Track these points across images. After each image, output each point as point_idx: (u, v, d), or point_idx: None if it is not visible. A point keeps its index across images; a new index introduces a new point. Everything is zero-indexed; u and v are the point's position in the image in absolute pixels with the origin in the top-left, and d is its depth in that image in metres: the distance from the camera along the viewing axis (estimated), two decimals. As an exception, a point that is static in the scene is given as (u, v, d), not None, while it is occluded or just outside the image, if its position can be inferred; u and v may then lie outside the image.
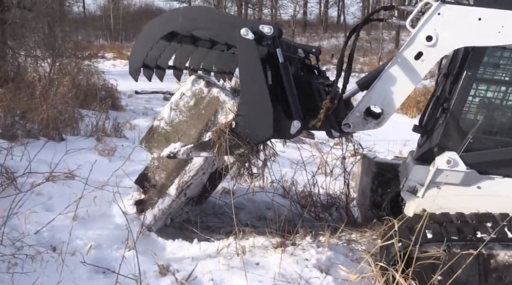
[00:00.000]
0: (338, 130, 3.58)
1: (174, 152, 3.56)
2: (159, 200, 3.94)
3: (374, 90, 3.40)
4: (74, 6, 34.64)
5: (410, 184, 3.57)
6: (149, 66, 3.96)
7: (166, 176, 3.95)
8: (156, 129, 3.99)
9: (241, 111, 3.44)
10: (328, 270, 3.35)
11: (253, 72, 3.32)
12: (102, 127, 8.14)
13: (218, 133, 3.44)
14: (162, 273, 3.36)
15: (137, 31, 43.77)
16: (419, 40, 3.25)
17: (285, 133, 3.44)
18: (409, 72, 3.32)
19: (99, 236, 3.85)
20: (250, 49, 3.30)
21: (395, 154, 7.53)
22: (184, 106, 3.85)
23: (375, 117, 3.47)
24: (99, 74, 12.95)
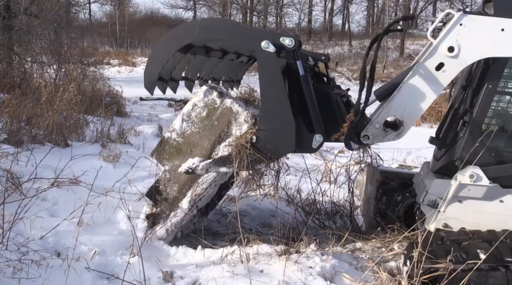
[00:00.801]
0: (357, 142, 3.53)
1: (193, 167, 3.52)
2: (171, 213, 3.88)
3: (394, 101, 3.35)
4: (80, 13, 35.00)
5: (430, 198, 3.50)
6: (163, 78, 3.92)
7: (178, 189, 3.89)
8: (167, 141, 3.92)
9: (262, 125, 3.37)
10: (332, 278, 3.33)
11: (274, 85, 3.26)
12: (107, 133, 8.17)
13: (238, 148, 3.38)
14: (166, 279, 3.36)
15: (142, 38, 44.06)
16: (440, 51, 3.21)
17: (307, 147, 3.38)
18: (430, 83, 3.27)
19: (103, 242, 3.86)
20: (271, 62, 3.24)
21: (399, 162, 7.52)
22: (196, 117, 3.79)
23: (395, 128, 3.42)
24: (104, 81, 12.99)
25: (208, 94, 3.77)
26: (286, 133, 3.30)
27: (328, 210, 5.07)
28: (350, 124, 3.38)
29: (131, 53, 38.35)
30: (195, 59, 4.13)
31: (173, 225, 3.87)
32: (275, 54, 3.23)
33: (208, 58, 4.24)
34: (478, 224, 3.27)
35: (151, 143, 8.31)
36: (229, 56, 4.45)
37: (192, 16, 48.93)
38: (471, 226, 3.28)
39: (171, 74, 4.02)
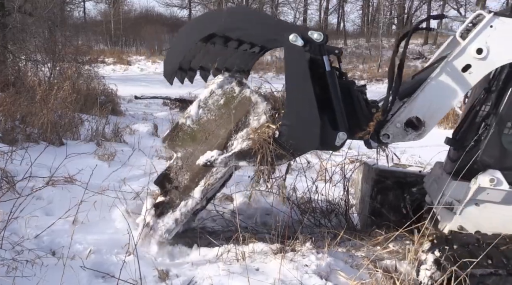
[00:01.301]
0: (376, 141, 3.47)
1: (211, 160, 3.45)
2: (181, 202, 3.75)
3: (417, 100, 3.29)
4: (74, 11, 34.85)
5: (446, 199, 3.46)
6: (182, 68, 3.82)
7: (190, 177, 3.74)
8: (181, 127, 3.78)
9: (286, 121, 3.29)
10: (328, 276, 3.34)
11: (301, 80, 3.18)
12: (102, 132, 8.15)
13: (259, 143, 3.31)
14: (161, 278, 3.36)
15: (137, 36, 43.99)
16: (468, 52, 3.17)
17: (330, 145, 3.29)
18: (455, 84, 3.23)
19: (98, 241, 3.85)
20: (299, 56, 3.16)
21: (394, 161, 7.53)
22: (214, 105, 3.67)
23: (416, 128, 3.37)
24: (99, 79, 12.96)
25: (228, 82, 3.68)
26: (310, 129, 3.22)
27: (323, 209, 5.07)
28: (377, 123, 3.32)
29: (126, 52, 38.29)
30: (213, 49, 4.01)
31: (183, 215, 3.75)
32: (302, 48, 3.15)
33: (226, 48, 4.12)
34: (494, 228, 3.23)
35: (146, 142, 8.32)
36: (244, 46, 4.31)
37: (187, 14, 48.83)
38: (486, 229, 3.25)
39: (190, 63, 3.92)
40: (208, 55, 4.09)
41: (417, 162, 7.83)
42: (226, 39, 3.86)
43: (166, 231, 3.73)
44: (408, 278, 3.16)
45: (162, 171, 3.93)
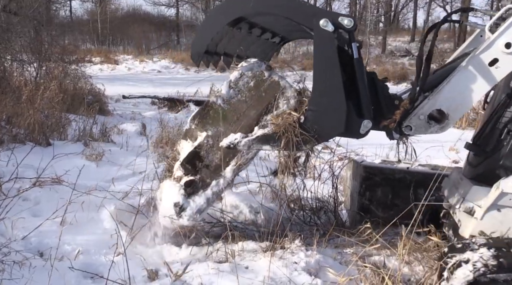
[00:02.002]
0: (398, 132, 3.43)
1: (235, 143, 3.38)
2: (212, 182, 3.69)
3: (442, 93, 3.26)
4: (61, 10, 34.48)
5: (467, 204, 3.43)
6: (209, 51, 3.76)
7: (221, 156, 3.70)
8: (212, 106, 3.75)
9: (313, 106, 3.27)
10: (317, 273, 3.36)
11: (330, 65, 3.14)
12: (90, 131, 8.11)
13: (284, 127, 3.29)
14: (151, 277, 3.35)
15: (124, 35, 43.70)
16: (497, 47, 3.14)
17: (354, 132, 3.26)
18: (481, 78, 3.20)
19: (87, 241, 3.83)
20: (329, 41, 3.11)
21: (382, 158, 7.58)
22: (244, 86, 3.67)
23: (439, 121, 3.32)
24: (86, 79, 12.86)
25: (257, 65, 3.69)
26: (336, 115, 3.19)
27: (312, 206, 5.09)
28: (404, 111, 3.30)
29: (113, 51, 37.99)
30: (238, 34, 3.93)
31: (215, 194, 3.71)
32: (333, 34, 3.10)
33: (249, 35, 4.05)
34: None
35: (135, 141, 8.29)
36: (266, 35, 4.27)
37: (175, 13, 48.61)
38: (509, 234, 3.22)
39: (216, 47, 3.86)
40: (233, 40, 4.01)
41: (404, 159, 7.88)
42: (251, 25, 3.81)
43: (197, 210, 3.65)
44: (396, 273, 3.19)
45: (191, 149, 3.80)
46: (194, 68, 31.72)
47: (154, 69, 31.21)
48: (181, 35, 46.75)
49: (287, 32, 4.34)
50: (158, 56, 35.65)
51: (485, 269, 2.90)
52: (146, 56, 35.68)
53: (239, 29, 3.77)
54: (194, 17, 44.72)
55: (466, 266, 2.97)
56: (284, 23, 3.88)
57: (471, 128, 12.74)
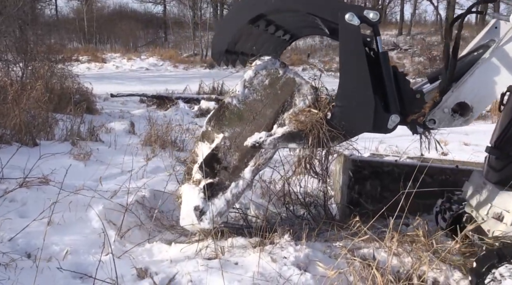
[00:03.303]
0: (422, 126, 3.40)
1: (260, 142, 3.37)
2: (231, 184, 3.62)
3: (465, 85, 3.23)
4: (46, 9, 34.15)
5: (495, 210, 3.40)
6: (229, 50, 3.70)
7: (239, 157, 3.64)
8: (227, 106, 3.67)
9: (340, 102, 3.23)
10: (307, 267, 3.36)
11: (356, 60, 3.11)
12: (77, 131, 8.04)
13: (311, 125, 3.25)
14: (140, 276, 3.33)
15: (111, 33, 43.38)
16: None
17: (382, 127, 3.24)
18: (505, 69, 3.17)
19: (75, 241, 3.80)
20: (355, 35, 3.09)
21: (371, 151, 7.62)
22: (259, 85, 3.61)
23: (463, 114, 3.30)
24: (73, 78, 12.75)
25: (271, 63, 3.62)
26: (364, 111, 3.17)
27: (302, 201, 5.10)
28: (434, 104, 3.27)
29: (101, 49, 37.76)
30: (256, 32, 3.88)
31: (234, 196, 3.63)
32: (359, 27, 3.09)
33: (265, 32, 4.00)
34: None
35: (123, 140, 8.24)
36: (279, 32, 4.22)
37: (162, 10, 48.37)
38: None
39: (235, 46, 3.79)
40: (250, 38, 3.98)
41: (394, 152, 7.93)
42: (268, 22, 3.75)
43: (218, 213, 3.59)
44: (385, 265, 3.21)
45: (209, 151, 3.74)
46: (183, 65, 31.65)
47: (142, 67, 31.06)
48: (169, 32, 46.55)
49: (298, 29, 4.30)
50: (146, 54, 35.49)
51: None
52: (133, 54, 35.49)
53: (257, 27, 3.71)
54: (181, 14, 44.53)
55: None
56: (298, 19, 3.86)
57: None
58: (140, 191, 4.82)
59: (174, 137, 8.35)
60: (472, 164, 5.55)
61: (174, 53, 35.30)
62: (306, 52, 33.94)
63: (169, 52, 35.70)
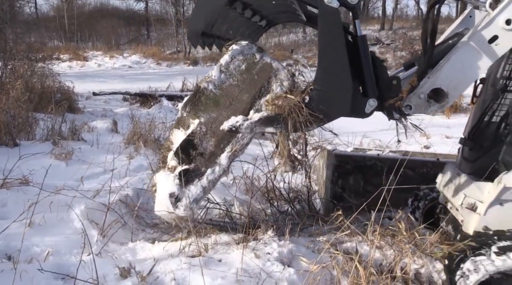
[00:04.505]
0: (398, 112, 3.39)
1: (236, 126, 3.32)
2: (208, 170, 3.60)
3: (441, 71, 3.24)
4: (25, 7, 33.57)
5: (469, 200, 3.43)
6: (206, 32, 3.63)
7: (215, 143, 3.60)
8: (203, 92, 3.63)
9: (318, 85, 3.19)
10: (290, 262, 3.38)
11: (335, 43, 3.07)
12: (59, 130, 7.93)
13: (289, 108, 3.21)
14: (123, 275, 3.30)
15: (93, 31, 42.84)
16: (497, 23, 3.12)
17: (360, 111, 3.23)
18: (480, 55, 3.18)
19: (57, 242, 3.75)
20: (334, 19, 3.05)
21: (355, 146, 7.67)
22: (235, 70, 3.58)
23: (438, 100, 3.30)
24: (54, 77, 12.57)
25: (248, 48, 3.60)
26: (342, 95, 3.15)
27: (286, 196, 5.12)
28: (412, 88, 3.27)
29: (82, 47, 37.28)
30: (231, 15, 3.83)
31: (211, 183, 3.60)
32: (338, 10, 3.04)
33: (241, 16, 3.93)
34: None
35: (106, 138, 8.16)
36: (255, 17, 4.15)
37: (144, 7, 47.91)
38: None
39: (212, 29, 3.72)
40: (226, 21, 3.92)
41: (377, 146, 8.00)
42: (245, 5, 3.70)
43: (193, 200, 3.57)
44: (368, 258, 3.24)
45: (184, 137, 3.70)
46: (166, 63, 31.42)
47: (124, 65, 30.77)
48: (151, 30, 46.19)
49: (275, 15, 4.25)
50: (128, 51, 35.15)
51: None
52: (116, 51, 35.12)
53: (234, 9, 3.67)
54: (163, 10, 44.16)
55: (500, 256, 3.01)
56: (275, 4, 3.82)
57: (440, 113, 13.00)
58: (123, 189, 4.79)
59: (157, 135, 8.30)
60: (453, 156, 5.61)
61: (157, 51, 35.05)
62: (289, 48, 33.96)
63: (151, 49, 35.43)
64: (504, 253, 3.03)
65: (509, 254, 3.02)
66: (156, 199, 3.69)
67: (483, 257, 3.07)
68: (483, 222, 3.28)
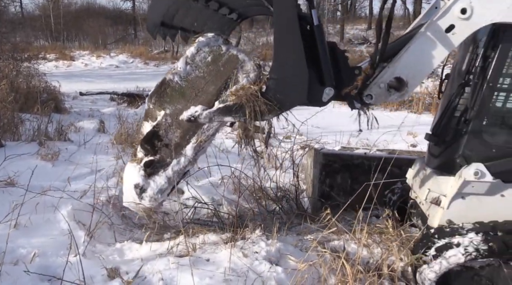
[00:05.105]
0: (359, 101, 3.43)
1: (195, 115, 3.34)
2: (173, 161, 3.61)
3: (400, 60, 3.28)
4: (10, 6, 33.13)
5: (433, 195, 3.51)
6: (165, 23, 3.65)
7: (181, 134, 3.61)
8: (169, 83, 3.62)
9: (274, 74, 3.22)
10: (278, 261, 3.39)
11: (290, 32, 3.09)
12: (45, 131, 7.84)
13: (246, 97, 3.24)
14: (110, 276, 3.29)
15: (79, 30, 42.43)
16: (453, 13, 3.16)
17: (317, 100, 3.25)
18: (438, 44, 3.22)
19: (43, 244, 3.72)
20: (289, 7, 3.07)
21: (342, 144, 7.71)
22: (201, 62, 3.58)
23: (398, 89, 3.34)
24: (40, 76, 12.44)
25: (214, 40, 3.60)
26: (298, 83, 3.17)
27: (274, 195, 5.13)
28: (366, 76, 3.31)
29: (69, 47, 36.88)
30: (195, 7, 3.84)
31: (176, 174, 3.61)
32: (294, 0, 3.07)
33: (207, 9, 3.94)
34: (480, 219, 3.32)
35: (93, 139, 8.10)
36: (223, 10, 4.15)
37: (131, 6, 47.61)
38: (474, 221, 3.32)
39: (173, 20, 3.74)
40: (190, 13, 3.93)
41: (365, 145, 8.04)
42: None
43: (158, 191, 3.58)
44: (355, 256, 3.26)
45: (150, 128, 3.71)
46: (153, 62, 31.26)
47: (112, 64, 30.52)
48: (139, 29, 45.87)
49: (245, 8, 4.25)
50: (115, 51, 34.88)
51: (477, 254, 3.04)
52: (103, 51, 34.83)
53: (196, 0, 3.67)
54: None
55: (458, 249, 3.09)
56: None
57: (427, 112, 13.13)
58: (110, 190, 4.76)
59: (145, 135, 8.24)
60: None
61: (145, 50, 34.82)
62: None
63: (139, 49, 35.18)
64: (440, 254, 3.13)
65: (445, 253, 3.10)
66: (123, 190, 3.70)
67: (444, 250, 3.15)
68: (446, 215, 3.35)
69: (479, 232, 3.15)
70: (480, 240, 3.09)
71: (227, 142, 8.55)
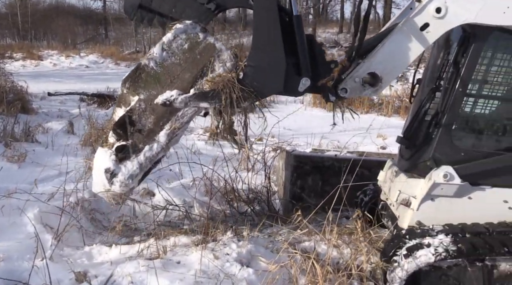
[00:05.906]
0: (334, 94, 3.44)
1: (171, 100, 3.29)
2: (146, 147, 3.56)
3: (376, 56, 3.32)
4: (-25, 4, 32.22)
5: (403, 196, 3.58)
6: (143, 6, 3.61)
7: (154, 120, 3.56)
8: (144, 68, 3.57)
9: (252, 61, 3.25)
10: (249, 262, 3.39)
11: (269, 20, 3.13)
12: (11, 131, 7.65)
13: (222, 84, 3.24)
14: (78, 280, 3.23)
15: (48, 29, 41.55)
16: (428, 11, 3.21)
17: (293, 90, 3.29)
18: (412, 42, 3.28)
19: (8, 247, 3.62)
20: None
21: (313, 146, 7.79)
22: (178, 49, 3.55)
23: (373, 84, 3.39)
24: (7, 76, 12.10)
25: (192, 27, 3.58)
26: (275, 72, 3.21)
27: (246, 197, 5.14)
28: (342, 69, 3.33)
29: (37, 46, 36.02)
30: None
31: (148, 160, 3.55)
32: None
33: None
34: (449, 220, 3.41)
35: (62, 140, 7.94)
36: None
37: (102, 6, 46.88)
38: (443, 222, 3.40)
39: (151, 3, 3.70)
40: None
41: (335, 147, 8.14)
42: None
43: (129, 176, 3.51)
44: (325, 257, 3.30)
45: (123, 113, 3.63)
46: (125, 63, 30.84)
47: (81, 65, 29.97)
48: (109, 29, 45.23)
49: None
50: (85, 51, 34.26)
51: (446, 254, 3.11)
52: (72, 51, 34.16)
53: None
54: (122, 9, 43.31)
55: (428, 249, 3.15)
56: None
57: (397, 115, 13.39)
58: (79, 192, 4.67)
59: (115, 136, 8.13)
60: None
61: (116, 50, 34.35)
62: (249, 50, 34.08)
63: (110, 49, 34.68)
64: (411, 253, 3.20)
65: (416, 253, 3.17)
66: (93, 176, 3.63)
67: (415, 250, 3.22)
68: (416, 217, 3.43)
69: (448, 234, 3.24)
70: (449, 241, 3.18)
71: (198, 143, 8.53)
